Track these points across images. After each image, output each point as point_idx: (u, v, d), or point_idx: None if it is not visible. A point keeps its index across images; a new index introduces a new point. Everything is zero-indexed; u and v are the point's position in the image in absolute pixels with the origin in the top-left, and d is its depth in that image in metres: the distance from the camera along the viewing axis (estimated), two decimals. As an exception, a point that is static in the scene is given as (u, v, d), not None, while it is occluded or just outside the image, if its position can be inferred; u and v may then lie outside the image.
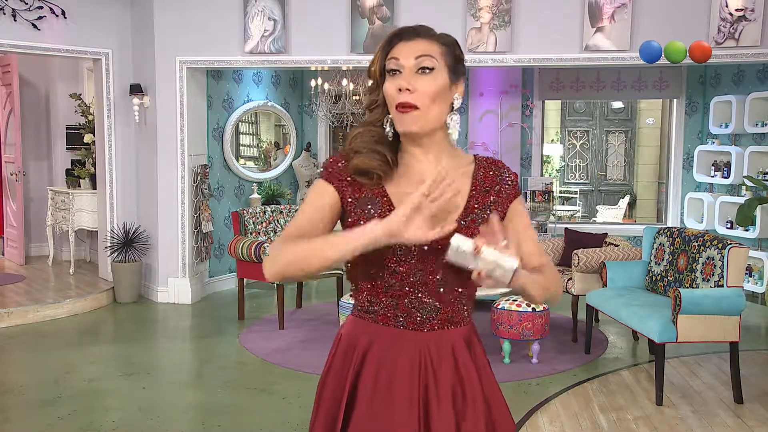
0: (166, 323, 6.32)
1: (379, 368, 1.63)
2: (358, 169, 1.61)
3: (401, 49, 1.59)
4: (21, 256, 8.16)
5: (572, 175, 12.54)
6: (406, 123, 1.58)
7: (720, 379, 4.72)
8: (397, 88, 1.57)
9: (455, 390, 1.63)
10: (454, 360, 1.64)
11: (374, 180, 1.61)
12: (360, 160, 1.61)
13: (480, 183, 1.67)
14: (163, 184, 6.77)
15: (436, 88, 1.58)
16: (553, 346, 5.41)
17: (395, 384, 1.61)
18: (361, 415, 1.61)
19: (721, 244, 4.46)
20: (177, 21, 6.58)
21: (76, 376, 4.81)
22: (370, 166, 1.60)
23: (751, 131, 6.89)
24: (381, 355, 1.63)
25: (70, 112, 8.34)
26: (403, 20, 6.19)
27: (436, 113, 1.59)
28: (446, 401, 1.61)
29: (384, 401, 1.60)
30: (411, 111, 1.56)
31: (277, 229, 6.55)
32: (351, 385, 1.64)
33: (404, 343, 1.63)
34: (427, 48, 1.59)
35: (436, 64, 1.58)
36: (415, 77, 1.57)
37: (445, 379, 1.62)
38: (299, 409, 4.22)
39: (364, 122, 1.67)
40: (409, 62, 1.57)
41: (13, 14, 6.23)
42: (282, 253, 1.57)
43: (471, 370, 1.66)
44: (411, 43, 1.59)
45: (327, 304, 6.80)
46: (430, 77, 1.57)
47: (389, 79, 1.59)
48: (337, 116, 7.75)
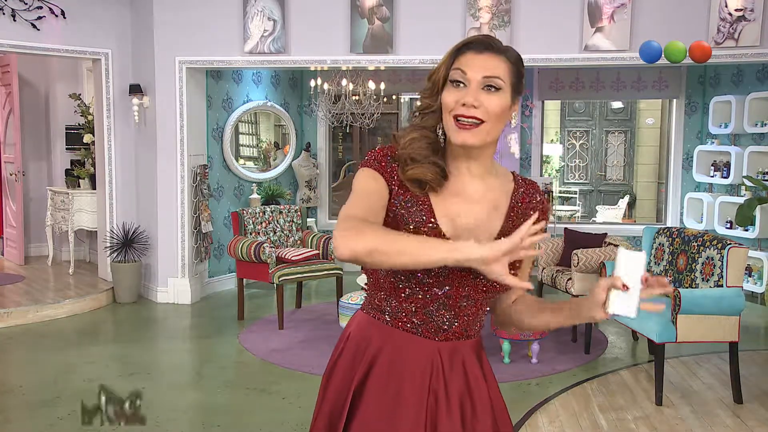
0: (165, 323, 6.32)
1: (390, 370, 1.62)
2: (414, 178, 1.57)
3: (470, 62, 1.55)
4: (20, 256, 8.16)
5: (572, 175, 12.54)
6: (466, 136, 1.54)
7: (719, 379, 4.72)
8: (461, 103, 1.53)
9: (464, 401, 1.63)
10: (464, 371, 1.64)
11: (425, 189, 1.58)
12: (419, 170, 1.57)
13: (517, 204, 1.67)
14: (162, 184, 6.77)
15: (502, 108, 1.55)
16: (552, 346, 5.41)
17: (405, 387, 1.60)
18: (368, 414, 1.61)
19: (721, 244, 4.46)
20: (176, 21, 6.58)
21: (76, 377, 4.80)
22: (426, 177, 1.57)
23: (751, 131, 6.89)
24: (393, 357, 1.63)
25: (69, 112, 8.34)
26: (403, 20, 6.19)
27: (498, 130, 1.58)
28: (455, 411, 1.61)
29: (392, 402, 1.60)
30: (472, 128, 1.53)
31: (277, 229, 6.55)
32: (359, 384, 1.63)
33: (417, 349, 1.62)
34: (497, 66, 1.55)
35: (503, 84, 1.55)
36: (480, 93, 1.53)
37: (454, 389, 1.62)
38: (299, 409, 4.22)
39: (418, 126, 1.62)
40: (476, 77, 1.54)
41: (12, 14, 6.22)
42: (369, 234, 1.41)
43: (481, 382, 1.66)
44: (481, 57, 1.55)
45: (327, 304, 6.80)
46: (496, 96, 1.54)
47: (451, 90, 1.55)
48: (337, 116, 7.74)
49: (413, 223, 1.56)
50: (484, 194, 1.63)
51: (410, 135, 1.60)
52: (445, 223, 1.58)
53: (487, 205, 1.63)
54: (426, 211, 1.57)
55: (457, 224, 1.59)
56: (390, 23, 6.21)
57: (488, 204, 1.63)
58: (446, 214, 1.59)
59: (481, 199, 1.63)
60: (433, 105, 1.60)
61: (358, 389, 1.63)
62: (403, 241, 1.42)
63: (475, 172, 1.62)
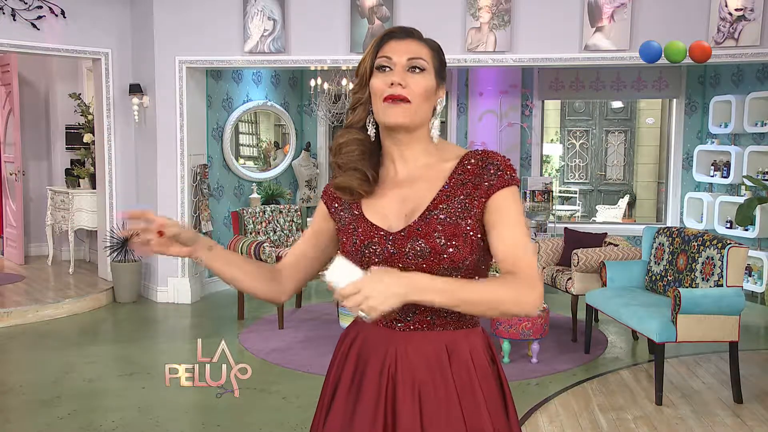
0: (165, 323, 6.32)
1: (357, 364, 1.65)
2: (339, 187, 1.65)
3: (393, 48, 1.60)
4: (20, 255, 8.16)
5: (572, 174, 12.53)
6: (395, 114, 1.57)
7: (719, 379, 4.72)
8: (388, 83, 1.58)
9: (424, 390, 1.58)
10: (426, 362, 1.59)
11: (355, 196, 1.65)
12: (341, 179, 1.64)
13: (457, 178, 1.60)
14: (162, 183, 6.77)
15: (427, 87, 1.59)
16: (552, 345, 5.41)
17: (365, 380, 1.61)
18: (337, 409, 1.63)
19: (721, 243, 4.46)
20: (176, 21, 6.58)
21: (76, 376, 4.80)
22: (351, 186, 1.63)
23: (751, 131, 6.89)
24: (360, 350, 1.65)
25: (69, 111, 8.34)
26: (403, 20, 6.19)
27: (425, 110, 1.61)
28: (412, 402, 1.56)
29: (354, 396, 1.62)
30: (401, 104, 1.57)
31: (277, 228, 6.55)
32: (335, 379, 1.68)
33: (378, 341, 1.63)
34: (419, 49, 1.61)
35: (426, 65, 1.60)
36: (406, 75, 1.58)
37: (412, 380, 1.58)
38: (299, 408, 4.22)
39: (347, 125, 1.67)
40: (401, 60, 1.59)
41: (12, 14, 6.22)
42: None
43: (448, 375, 1.59)
44: (403, 43, 1.61)
45: (327, 303, 6.80)
46: (420, 77, 1.59)
47: (378, 75, 1.60)
48: (337, 116, 7.73)
49: (351, 224, 1.64)
50: (417, 175, 1.63)
51: (339, 140, 1.66)
52: (372, 213, 1.63)
53: (418, 186, 1.62)
54: (355, 207, 1.65)
55: (381, 211, 1.63)
56: (390, 23, 6.21)
57: (419, 184, 1.62)
58: (372, 203, 1.64)
59: (412, 180, 1.63)
60: (362, 97, 1.64)
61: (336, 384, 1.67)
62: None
63: (408, 156, 1.64)
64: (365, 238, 1.60)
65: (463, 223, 1.56)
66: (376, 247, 1.59)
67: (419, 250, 1.54)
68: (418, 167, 1.64)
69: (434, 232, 1.54)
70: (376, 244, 1.59)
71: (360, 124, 1.65)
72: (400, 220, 1.60)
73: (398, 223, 1.59)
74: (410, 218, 1.59)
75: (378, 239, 1.59)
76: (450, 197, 1.58)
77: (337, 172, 1.66)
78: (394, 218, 1.60)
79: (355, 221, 1.64)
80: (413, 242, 1.55)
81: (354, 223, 1.64)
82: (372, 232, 1.60)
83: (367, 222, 1.62)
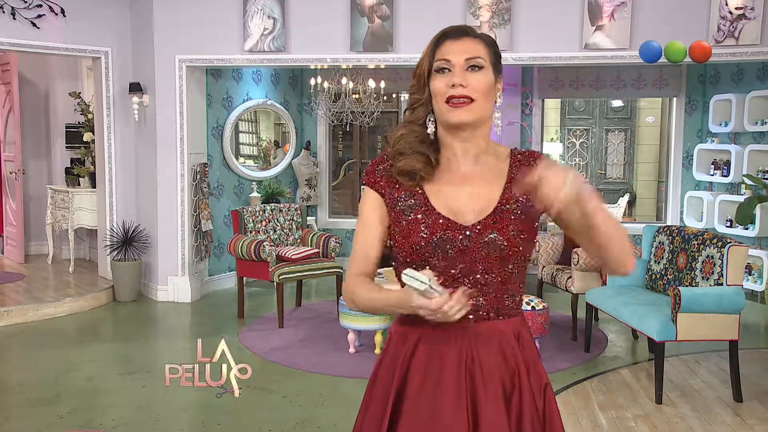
0: (165, 322, 6.32)
1: (428, 360, 1.66)
2: (402, 171, 1.68)
3: (450, 48, 1.65)
4: (20, 254, 8.16)
5: (572, 173, 12.53)
6: (460, 114, 1.62)
7: (719, 378, 4.72)
8: (450, 84, 1.61)
9: (504, 381, 1.64)
10: (501, 352, 1.66)
11: (417, 180, 1.68)
12: (404, 162, 1.67)
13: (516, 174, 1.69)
14: (162, 182, 6.77)
15: (487, 84, 1.65)
16: (552, 344, 5.41)
17: (444, 375, 1.63)
18: (411, 406, 1.64)
19: (721, 242, 4.46)
20: (176, 19, 6.58)
21: (76, 375, 4.81)
22: (414, 167, 1.67)
23: (751, 130, 6.89)
24: (430, 347, 1.66)
25: (69, 110, 8.34)
26: (403, 19, 6.19)
27: (488, 106, 1.66)
28: (494, 391, 1.62)
29: (433, 392, 1.63)
30: (465, 105, 1.62)
31: (277, 227, 6.55)
32: (400, 379, 1.67)
33: (450, 336, 1.65)
34: (475, 48, 1.65)
35: (484, 63, 1.65)
36: (465, 74, 1.63)
37: (491, 371, 1.64)
38: (299, 407, 4.22)
39: (407, 121, 1.72)
40: (459, 60, 1.63)
41: (12, 13, 6.22)
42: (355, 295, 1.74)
43: (519, 362, 1.67)
44: (459, 42, 1.65)
45: (327, 302, 6.80)
46: (480, 74, 1.64)
47: (438, 77, 1.65)
48: (337, 115, 7.73)
49: (412, 213, 1.66)
50: (479, 172, 1.69)
51: (399, 132, 1.71)
52: (442, 206, 1.66)
53: (482, 182, 1.68)
54: (420, 198, 1.67)
55: (451, 205, 1.66)
56: (390, 21, 6.20)
57: (483, 181, 1.68)
58: (440, 197, 1.67)
59: (476, 177, 1.69)
60: (421, 98, 1.69)
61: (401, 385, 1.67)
62: (372, 302, 1.70)
63: (471, 152, 1.69)
64: (437, 229, 1.64)
65: (528, 216, 1.65)
66: (450, 239, 1.62)
67: (493, 244, 1.61)
68: (480, 163, 1.70)
69: (509, 225, 1.63)
70: (450, 236, 1.62)
71: (420, 122, 1.70)
72: (472, 215, 1.65)
73: (470, 217, 1.64)
74: (481, 214, 1.64)
75: (452, 233, 1.63)
76: (513, 193, 1.67)
77: (397, 159, 1.69)
78: (465, 212, 1.65)
79: (423, 212, 1.66)
80: (488, 236, 1.62)
81: (422, 213, 1.66)
82: (445, 225, 1.64)
83: (438, 214, 1.65)
